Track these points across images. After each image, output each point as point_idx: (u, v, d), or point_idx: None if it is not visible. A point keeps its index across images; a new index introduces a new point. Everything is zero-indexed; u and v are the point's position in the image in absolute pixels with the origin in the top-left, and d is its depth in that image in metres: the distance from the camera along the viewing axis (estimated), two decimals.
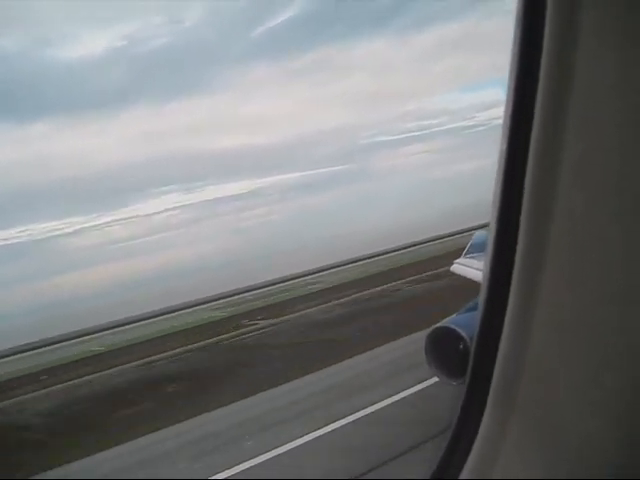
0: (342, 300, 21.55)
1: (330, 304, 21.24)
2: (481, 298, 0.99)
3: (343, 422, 8.35)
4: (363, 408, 8.63)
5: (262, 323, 21.14)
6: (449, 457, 1.11)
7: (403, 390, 8.86)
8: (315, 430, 8.18)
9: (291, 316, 20.98)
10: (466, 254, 9.22)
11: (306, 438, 8.03)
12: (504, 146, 0.90)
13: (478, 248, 8.57)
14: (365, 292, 22.21)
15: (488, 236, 0.97)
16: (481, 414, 1.01)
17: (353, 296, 22.17)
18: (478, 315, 1.00)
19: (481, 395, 1.00)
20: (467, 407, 1.06)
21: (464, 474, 1.05)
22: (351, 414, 8.49)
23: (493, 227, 0.94)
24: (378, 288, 22.24)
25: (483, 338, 1.00)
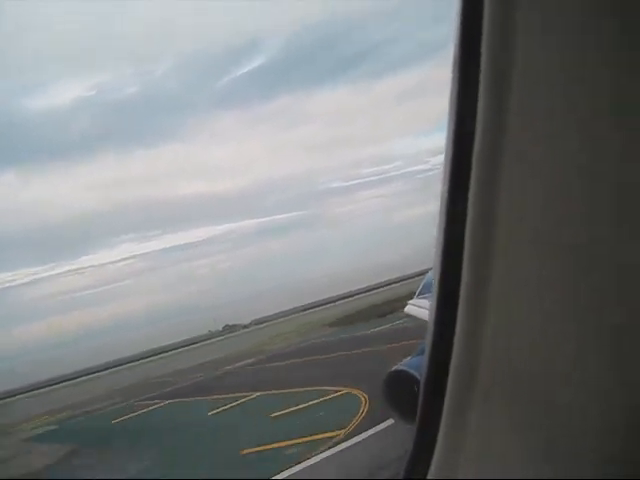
0: None
1: None
2: (427, 339, 0.99)
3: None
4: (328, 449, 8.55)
5: None
6: None
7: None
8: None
9: None
10: (419, 294, 9.26)
11: None
12: (444, 187, 0.91)
13: (430, 288, 8.59)
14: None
15: (433, 278, 0.97)
16: (431, 454, 1.00)
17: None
18: (425, 356, 1.00)
19: (431, 435, 1.00)
20: (417, 448, 1.06)
21: None
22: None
23: (437, 268, 0.95)
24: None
25: (430, 379, 1.00)
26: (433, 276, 0.98)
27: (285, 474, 8.11)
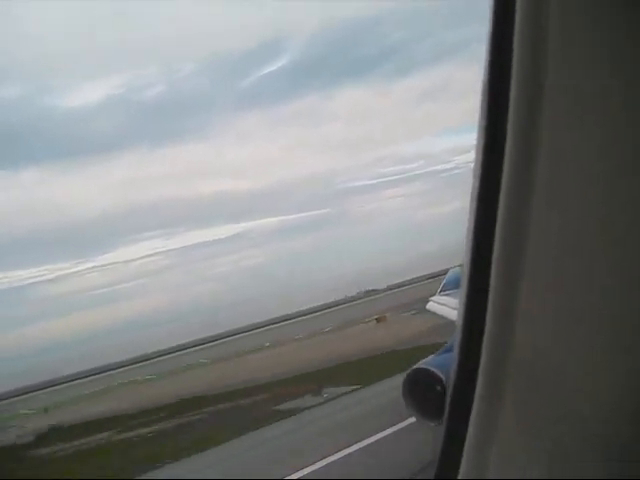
0: None
1: None
2: (456, 338, 0.97)
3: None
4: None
5: None
6: None
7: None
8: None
9: None
10: (441, 291, 9.20)
11: None
12: (476, 184, 0.90)
13: (453, 285, 8.55)
14: None
15: (462, 276, 0.96)
16: (460, 454, 0.99)
17: None
18: (454, 355, 0.99)
19: (460, 436, 0.98)
20: (447, 448, 1.05)
21: None
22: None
23: (467, 267, 0.93)
24: None
25: (460, 378, 0.99)
26: (462, 274, 0.96)
27: (299, 474, 8.24)
